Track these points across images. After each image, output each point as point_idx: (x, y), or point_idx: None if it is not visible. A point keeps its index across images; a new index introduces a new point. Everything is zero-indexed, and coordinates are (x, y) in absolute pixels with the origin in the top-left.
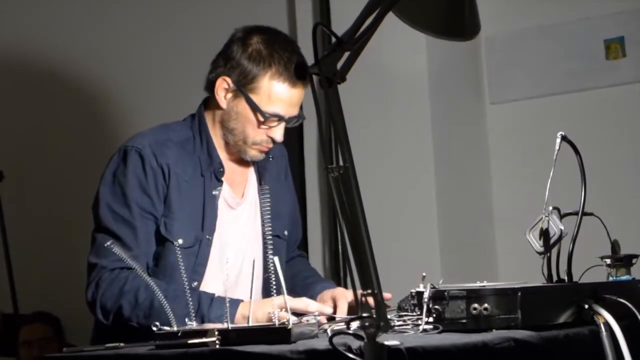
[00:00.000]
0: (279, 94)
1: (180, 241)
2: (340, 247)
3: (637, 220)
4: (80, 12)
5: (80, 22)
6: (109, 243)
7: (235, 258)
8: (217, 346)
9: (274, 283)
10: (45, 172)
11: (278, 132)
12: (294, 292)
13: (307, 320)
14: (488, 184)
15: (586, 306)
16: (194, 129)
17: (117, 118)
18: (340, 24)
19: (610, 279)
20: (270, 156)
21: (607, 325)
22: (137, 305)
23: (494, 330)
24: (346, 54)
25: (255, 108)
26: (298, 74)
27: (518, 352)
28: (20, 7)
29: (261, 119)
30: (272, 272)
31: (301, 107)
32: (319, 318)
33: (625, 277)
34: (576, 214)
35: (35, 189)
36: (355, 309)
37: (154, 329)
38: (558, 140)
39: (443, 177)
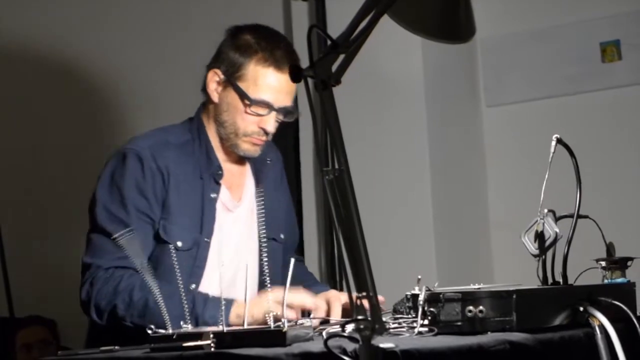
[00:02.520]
0: (266, 80)
1: (179, 244)
2: (335, 249)
3: (633, 222)
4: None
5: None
6: (116, 235)
7: (232, 261)
8: (212, 349)
9: (269, 286)
10: (43, 175)
11: (269, 123)
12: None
13: (303, 323)
14: (484, 187)
15: (581, 309)
16: (193, 131)
17: (116, 120)
18: (336, 26)
19: (606, 281)
20: (268, 159)
21: (602, 327)
22: (132, 304)
23: (489, 332)
24: (341, 57)
25: (242, 94)
26: (293, 76)
27: (513, 354)
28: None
29: (249, 104)
30: (267, 275)
31: (296, 104)
32: (314, 321)
33: (620, 280)
34: (571, 216)
35: (30, 193)
36: (348, 311)
37: (149, 331)
38: (553, 143)
39: (439, 179)
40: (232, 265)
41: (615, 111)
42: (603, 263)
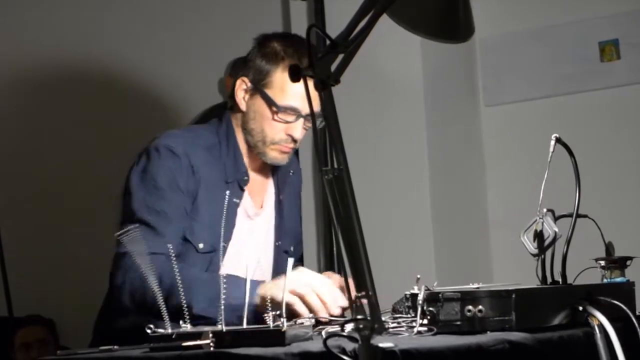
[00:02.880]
0: (292, 86)
1: (200, 245)
2: (334, 249)
3: (632, 222)
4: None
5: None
6: (156, 226)
7: (248, 267)
8: (212, 349)
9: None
10: (42, 175)
11: (296, 129)
12: None
13: (302, 323)
14: (483, 186)
15: (580, 308)
16: (220, 134)
17: (116, 120)
18: (335, 26)
19: (605, 281)
20: (291, 171)
21: (602, 327)
22: (162, 286)
23: (488, 332)
24: (340, 56)
25: (269, 102)
26: (292, 75)
27: (512, 354)
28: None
29: (276, 111)
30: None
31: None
32: (313, 320)
33: (619, 279)
34: (570, 216)
35: (30, 194)
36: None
37: (148, 331)
38: (552, 142)
39: (438, 178)
40: (248, 271)
41: (614, 110)
42: (602, 262)
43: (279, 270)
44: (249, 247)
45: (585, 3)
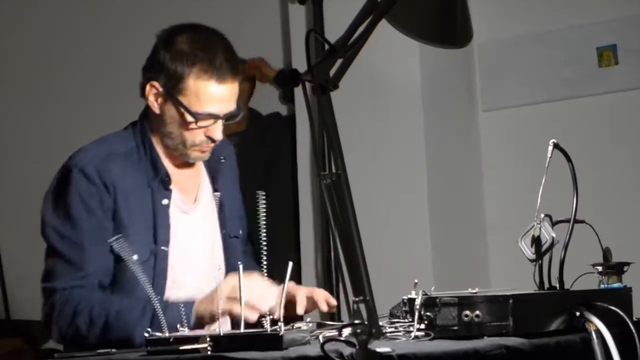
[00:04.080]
0: (208, 93)
1: (135, 257)
2: (332, 253)
3: (629, 227)
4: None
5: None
6: (69, 255)
7: (195, 263)
8: (209, 352)
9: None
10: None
11: (216, 131)
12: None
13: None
14: (480, 191)
15: (577, 313)
16: (137, 138)
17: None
18: (334, 31)
19: (602, 286)
20: (222, 157)
21: (599, 332)
22: (93, 323)
23: (485, 337)
24: (339, 61)
25: (185, 110)
26: (290, 81)
27: (509, 359)
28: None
29: (193, 119)
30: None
31: (279, 115)
32: (310, 325)
33: (616, 285)
34: (568, 221)
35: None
36: (310, 304)
37: (146, 334)
38: (550, 147)
39: (435, 183)
40: (199, 267)
41: (612, 116)
42: (599, 268)
43: (230, 257)
44: (191, 242)
45: (583, 8)
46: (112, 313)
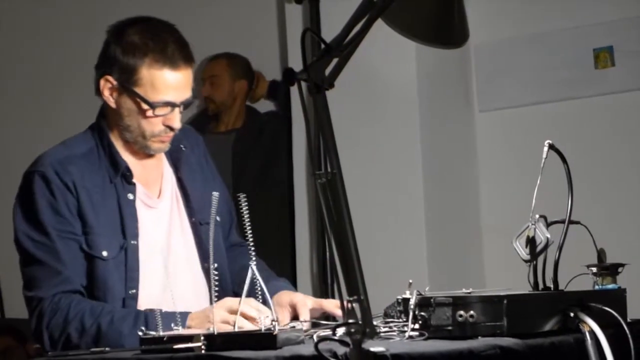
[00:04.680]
0: (162, 81)
1: (104, 254)
2: (327, 253)
3: (624, 229)
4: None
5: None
6: (46, 260)
7: (167, 256)
8: (203, 351)
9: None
10: None
11: (174, 120)
12: (241, 288)
13: (294, 326)
14: (476, 191)
15: (572, 314)
16: (95, 137)
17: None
18: (330, 30)
19: (596, 287)
20: (182, 146)
21: (593, 333)
22: (85, 332)
23: (479, 337)
24: (335, 61)
25: (142, 100)
26: (286, 79)
27: (503, 359)
28: None
29: (150, 108)
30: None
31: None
32: (305, 324)
33: (611, 286)
34: (563, 222)
35: None
36: (315, 315)
37: (140, 333)
38: (545, 148)
39: (431, 183)
40: (170, 260)
41: (608, 117)
42: (594, 269)
43: (202, 245)
44: (160, 236)
45: (580, 10)
46: (105, 322)
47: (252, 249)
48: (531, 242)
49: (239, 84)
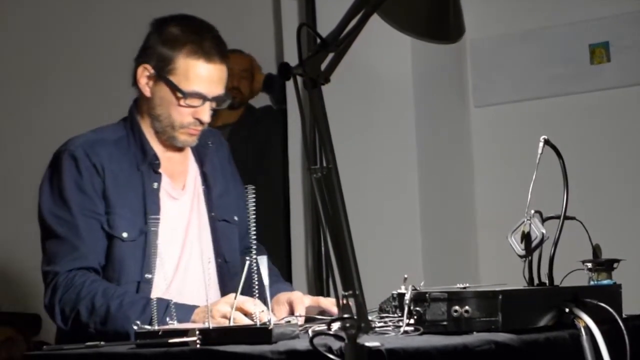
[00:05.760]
0: (196, 71)
1: (124, 235)
2: (322, 248)
3: (619, 224)
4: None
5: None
6: (67, 236)
7: (183, 248)
8: (198, 346)
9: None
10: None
11: (204, 113)
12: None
13: (289, 321)
14: (471, 187)
15: (567, 310)
16: (127, 127)
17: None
18: (326, 25)
19: (592, 283)
20: (209, 142)
21: (588, 329)
22: (94, 311)
23: (474, 332)
24: (330, 55)
25: (174, 88)
26: (281, 74)
27: (498, 354)
28: None
29: (182, 97)
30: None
31: (270, 108)
32: (300, 319)
33: (606, 282)
34: (558, 217)
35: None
36: (313, 312)
37: (135, 327)
38: (541, 144)
39: (426, 179)
40: (184, 252)
41: (603, 113)
42: (589, 264)
43: (219, 240)
44: (179, 227)
45: (576, 5)
46: (114, 305)
47: (254, 242)
48: (526, 237)
49: (242, 80)
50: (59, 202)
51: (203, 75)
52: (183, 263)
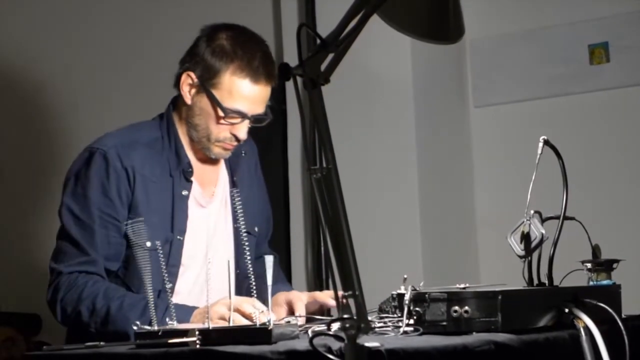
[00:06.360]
0: (240, 90)
1: (148, 244)
2: (322, 248)
3: (619, 225)
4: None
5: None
6: (79, 239)
7: (206, 256)
8: (198, 346)
9: (253, 284)
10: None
11: (241, 130)
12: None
13: (289, 321)
14: (471, 187)
15: (566, 310)
16: (163, 128)
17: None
18: (325, 25)
19: (591, 283)
20: (243, 152)
21: (587, 329)
22: (95, 312)
23: (474, 333)
24: (330, 56)
25: (216, 103)
26: (281, 74)
27: (498, 355)
28: None
29: (222, 114)
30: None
31: (271, 108)
32: (300, 319)
33: (605, 282)
34: (557, 218)
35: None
36: (312, 310)
37: (134, 327)
38: (540, 144)
39: (426, 179)
40: (208, 260)
41: (603, 113)
42: (589, 265)
43: (240, 252)
44: (205, 236)
45: (575, 6)
46: (114, 306)
47: (247, 242)
48: (526, 237)
49: None
50: (80, 200)
51: (247, 95)
52: (205, 272)
